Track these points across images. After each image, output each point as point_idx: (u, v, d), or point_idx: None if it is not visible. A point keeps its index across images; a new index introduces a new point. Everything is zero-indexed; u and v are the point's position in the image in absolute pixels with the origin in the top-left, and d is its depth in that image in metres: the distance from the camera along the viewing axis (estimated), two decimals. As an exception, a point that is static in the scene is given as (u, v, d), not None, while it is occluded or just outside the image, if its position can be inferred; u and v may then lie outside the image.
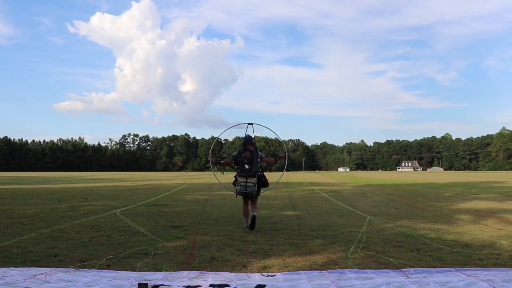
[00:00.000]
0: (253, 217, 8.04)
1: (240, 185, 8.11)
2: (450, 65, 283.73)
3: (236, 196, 8.60)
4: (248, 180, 8.06)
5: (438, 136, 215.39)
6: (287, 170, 9.24)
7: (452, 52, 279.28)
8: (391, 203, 14.54)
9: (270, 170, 9.65)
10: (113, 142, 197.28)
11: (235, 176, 8.41)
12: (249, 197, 8.31)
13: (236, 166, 8.35)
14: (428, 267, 5.20)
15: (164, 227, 8.64)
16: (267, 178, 8.39)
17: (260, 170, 8.33)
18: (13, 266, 5.24)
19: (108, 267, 5.25)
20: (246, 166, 8.05)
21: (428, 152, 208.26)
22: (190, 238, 7.41)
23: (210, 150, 9.47)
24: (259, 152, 8.30)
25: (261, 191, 8.45)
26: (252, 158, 8.08)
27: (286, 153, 8.78)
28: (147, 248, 6.42)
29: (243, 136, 8.70)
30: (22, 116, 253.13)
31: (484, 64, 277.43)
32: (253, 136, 8.65)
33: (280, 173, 11.91)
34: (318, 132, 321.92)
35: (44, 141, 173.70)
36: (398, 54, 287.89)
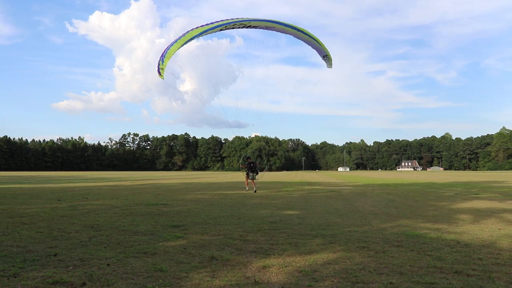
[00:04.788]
0: (255, 191, 19.98)
1: (249, 175, 20.68)
2: (450, 64, 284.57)
3: (247, 179, 20.99)
4: (253, 173, 20.63)
5: (438, 136, 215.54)
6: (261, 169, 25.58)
7: (451, 51, 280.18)
8: (391, 203, 14.54)
9: (271, 170, 17.27)
10: (113, 142, 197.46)
11: (246, 171, 20.88)
12: (252, 180, 20.70)
13: (247, 167, 21.25)
14: (427, 268, 5.20)
15: (164, 227, 8.64)
16: (259, 172, 21.23)
17: (255, 169, 20.95)
18: (13, 266, 5.23)
19: (108, 266, 5.26)
20: (252, 168, 20.68)
21: (428, 151, 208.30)
22: (190, 237, 7.41)
23: (241, 159, 23.78)
24: (256, 162, 21.42)
25: (255, 178, 20.75)
26: (254, 165, 20.89)
27: (259, 161, 27.24)
28: (146, 247, 6.42)
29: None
30: (22, 115, 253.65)
31: (483, 63, 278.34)
32: (250, 156, 21.87)
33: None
34: (318, 131, 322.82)
35: (44, 140, 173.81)
36: (398, 53, 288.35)
